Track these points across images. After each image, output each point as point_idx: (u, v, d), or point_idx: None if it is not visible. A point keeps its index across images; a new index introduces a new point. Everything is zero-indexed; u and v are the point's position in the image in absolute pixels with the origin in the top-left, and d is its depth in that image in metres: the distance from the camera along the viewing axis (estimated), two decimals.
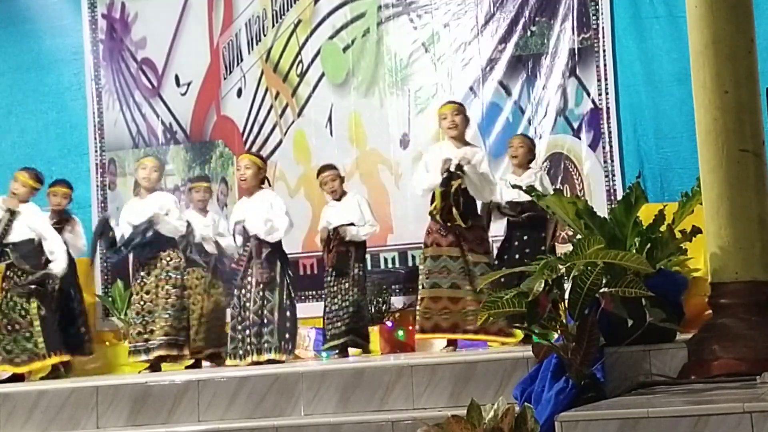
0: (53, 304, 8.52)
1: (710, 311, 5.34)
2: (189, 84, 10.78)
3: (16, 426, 6.47)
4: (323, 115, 10.30)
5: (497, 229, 8.43)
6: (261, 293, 7.98)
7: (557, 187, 9.06)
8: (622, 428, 3.88)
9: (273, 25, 10.57)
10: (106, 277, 10.58)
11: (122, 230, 8.56)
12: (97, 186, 10.89)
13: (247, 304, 8.00)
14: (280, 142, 10.37)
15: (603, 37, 9.46)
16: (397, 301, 9.65)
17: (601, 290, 4.89)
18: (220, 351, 8.65)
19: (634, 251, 5.21)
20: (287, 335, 7.99)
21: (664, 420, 3.84)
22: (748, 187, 5.16)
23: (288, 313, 8.04)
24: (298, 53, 10.47)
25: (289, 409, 6.02)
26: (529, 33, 9.71)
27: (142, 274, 8.53)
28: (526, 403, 4.49)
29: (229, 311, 8.67)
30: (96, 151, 10.92)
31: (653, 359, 5.15)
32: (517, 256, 7.98)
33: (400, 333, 9.26)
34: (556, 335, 4.97)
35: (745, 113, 5.20)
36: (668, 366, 5.13)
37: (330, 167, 9.00)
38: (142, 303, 8.47)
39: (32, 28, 11.18)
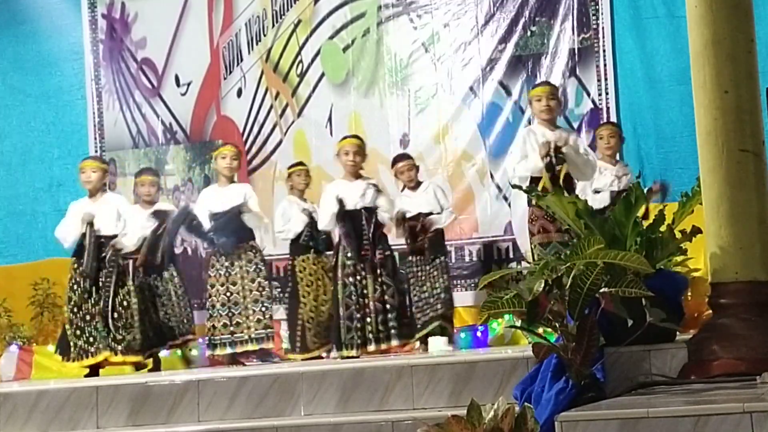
0: None
1: (710, 311, 5.34)
2: (189, 84, 10.78)
3: (16, 426, 6.47)
4: (323, 115, 10.29)
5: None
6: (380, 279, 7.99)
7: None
8: (622, 428, 3.88)
9: (273, 25, 10.57)
10: None
11: (201, 218, 8.54)
12: None
13: (364, 291, 7.97)
14: (280, 142, 10.37)
15: (603, 37, 9.46)
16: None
17: (601, 290, 4.89)
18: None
19: (634, 251, 5.21)
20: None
21: (664, 420, 3.84)
22: (748, 187, 5.16)
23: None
24: (298, 53, 10.46)
25: (289, 409, 6.02)
26: (529, 33, 9.71)
27: (226, 264, 8.44)
28: (526, 403, 4.48)
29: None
30: (96, 151, 10.91)
31: (653, 359, 5.15)
32: None
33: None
34: (556, 335, 4.97)
35: (745, 113, 5.20)
36: (668, 366, 5.13)
37: (406, 157, 9.00)
38: (228, 294, 8.41)
39: (32, 28, 11.18)
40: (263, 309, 8.39)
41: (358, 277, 7.99)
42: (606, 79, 9.37)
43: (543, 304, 4.75)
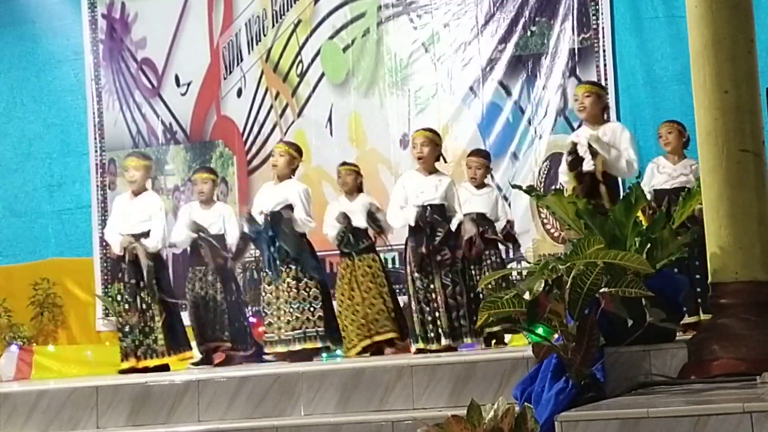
0: None
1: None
2: (189, 84, 10.79)
3: (16, 426, 6.47)
4: (323, 115, 10.30)
5: None
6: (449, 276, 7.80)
7: (557, 187, 9.04)
8: (622, 428, 3.88)
9: (273, 25, 10.58)
10: (106, 277, 10.57)
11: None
12: (97, 186, 10.89)
13: (431, 286, 7.78)
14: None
15: (603, 37, 9.47)
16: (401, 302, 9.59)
17: (601, 290, 4.89)
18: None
19: (634, 251, 5.21)
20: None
21: (664, 420, 3.84)
22: (748, 187, 5.16)
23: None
24: (298, 53, 10.47)
25: (289, 409, 6.02)
26: (529, 33, 9.71)
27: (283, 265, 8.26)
28: (526, 403, 4.48)
29: None
30: (96, 151, 10.92)
31: (653, 359, 5.15)
32: None
33: None
34: (556, 335, 4.97)
35: (745, 113, 5.20)
36: (668, 366, 5.13)
37: (483, 155, 8.76)
38: (264, 294, 8.27)
39: (32, 28, 11.19)
40: (291, 310, 8.20)
41: (424, 273, 7.78)
42: (606, 79, 9.37)
43: (543, 304, 4.75)
